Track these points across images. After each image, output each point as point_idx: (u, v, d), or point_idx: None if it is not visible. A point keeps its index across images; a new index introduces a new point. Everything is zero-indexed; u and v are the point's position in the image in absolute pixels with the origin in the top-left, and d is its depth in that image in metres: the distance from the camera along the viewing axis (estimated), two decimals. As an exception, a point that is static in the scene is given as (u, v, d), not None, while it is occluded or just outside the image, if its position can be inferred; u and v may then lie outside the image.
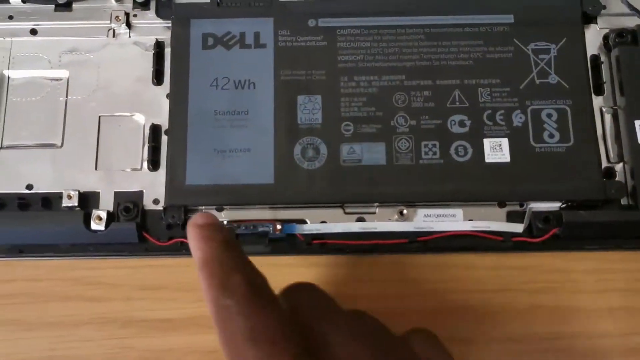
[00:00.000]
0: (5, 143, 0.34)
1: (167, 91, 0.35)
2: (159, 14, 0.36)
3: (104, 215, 0.33)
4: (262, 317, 0.22)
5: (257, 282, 0.23)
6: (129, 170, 0.34)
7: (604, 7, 0.36)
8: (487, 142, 0.33)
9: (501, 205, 0.33)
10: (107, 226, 0.33)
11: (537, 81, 0.34)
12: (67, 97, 0.35)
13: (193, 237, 0.24)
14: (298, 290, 0.26)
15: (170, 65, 0.35)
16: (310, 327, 0.23)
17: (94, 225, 0.33)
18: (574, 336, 0.33)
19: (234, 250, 0.24)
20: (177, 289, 0.34)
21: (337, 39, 0.35)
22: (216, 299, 0.22)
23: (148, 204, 0.34)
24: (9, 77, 0.36)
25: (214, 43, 0.35)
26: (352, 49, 0.35)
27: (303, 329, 0.23)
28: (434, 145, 0.33)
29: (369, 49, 0.35)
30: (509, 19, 0.35)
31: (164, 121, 0.35)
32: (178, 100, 0.34)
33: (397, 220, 0.33)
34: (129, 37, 0.36)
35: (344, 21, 0.35)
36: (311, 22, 0.35)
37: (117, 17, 0.36)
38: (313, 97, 0.34)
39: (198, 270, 0.23)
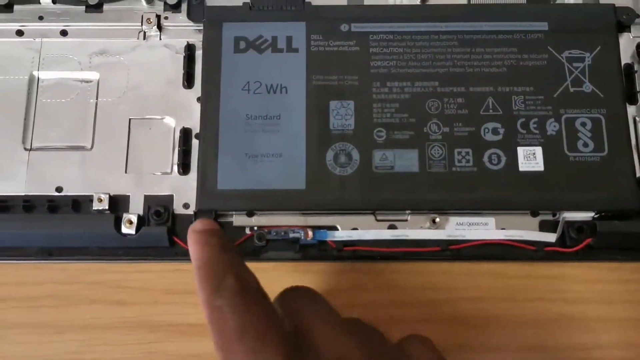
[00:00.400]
0: (34, 144, 0.34)
1: (198, 94, 0.35)
2: (190, 16, 0.36)
3: (134, 219, 0.33)
4: (251, 314, 0.23)
5: (249, 283, 0.24)
6: (159, 173, 0.34)
7: (638, 16, 0.36)
8: (521, 151, 0.33)
9: (534, 214, 0.33)
10: (137, 230, 0.33)
11: (572, 89, 0.34)
12: (97, 99, 0.35)
13: (191, 242, 0.26)
14: (294, 292, 0.26)
15: (202, 68, 0.34)
16: (302, 327, 0.24)
17: (125, 229, 0.33)
18: (605, 347, 0.33)
19: (228, 253, 0.25)
20: (206, 293, 0.34)
21: (369, 44, 0.35)
22: (209, 301, 0.23)
23: (178, 208, 0.33)
24: (39, 78, 0.35)
25: (246, 47, 0.35)
26: (384, 55, 0.34)
27: (295, 329, 0.24)
28: (467, 153, 0.33)
29: (402, 55, 0.35)
30: (544, 26, 0.35)
31: (194, 124, 0.34)
32: (209, 103, 0.34)
33: (429, 228, 0.33)
34: (160, 39, 0.36)
35: (376, 26, 0.35)
36: (344, 27, 0.35)
37: (148, 19, 0.36)
38: (345, 102, 0.34)
39: (194, 274, 0.24)
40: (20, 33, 0.36)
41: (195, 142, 0.34)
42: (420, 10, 0.36)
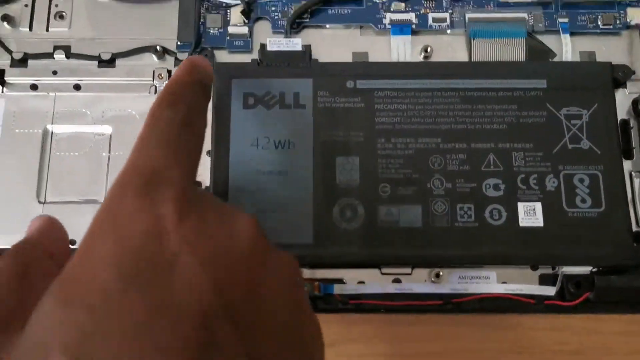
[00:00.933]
0: (49, 198, 0.35)
1: (207, 148, 0.36)
2: None
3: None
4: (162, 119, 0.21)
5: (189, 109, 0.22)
6: (169, 226, 0.35)
7: (634, 73, 0.37)
8: (521, 206, 0.34)
9: (534, 268, 0.34)
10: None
11: (570, 146, 0.35)
12: (109, 152, 0.36)
13: (180, 65, 0.24)
14: None
15: (212, 123, 0.35)
16: None
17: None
18: (603, 397, 0.34)
19: (195, 86, 0.23)
20: None
21: (374, 101, 0.36)
22: (153, 109, 0.21)
23: (188, 260, 0.34)
24: (52, 132, 0.36)
25: (254, 102, 0.36)
26: (389, 111, 0.36)
27: None
28: (469, 208, 0.34)
29: (406, 111, 0.36)
30: (542, 84, 0.36)
31: (204, 178, 0.35)
32: (219, 159, 0.35)
33: (432, 282, 0.34)
34: None
35: (381, 83, 0.36)
36: (349, 84, 0.36)
37: (159, 74, 0.37)
38: (351, 158, 0.35)
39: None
40: (34, 87, 0.37)
41: (204, 195, 0.35)
42: (423, 67, 0.37)
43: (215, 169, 0.35)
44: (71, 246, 0.34)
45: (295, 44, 0.37)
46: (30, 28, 0.38)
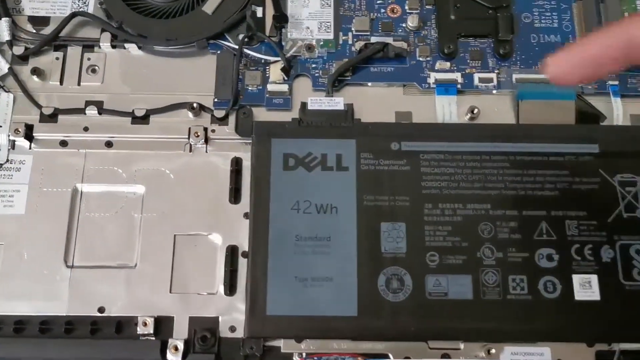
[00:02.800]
0: (76, 262, 0.33)
1: (245, 210, 0.34)
2: (238, 130, 0.36)
3: (180, 345, 0.32)
4: None
5: None
6: (204, 293, 0.33)
7: (687, 137, 0.36)
8: (576, 279, 0.32)
9: (590, 344, 0.33)
10: (184, 357, 0.32)
11: (625, 215, 0.33)
12: (141, 213, 0.34)
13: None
14: None
15: (251, 186, 0.34)
16: None
17: (170, 356, 0.31)
18: None
19: None
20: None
21: (420, 164, 0.34)
22: None
23: (224, 331, 0.33)
24: (82, 191, 0.35)
25: (295, 164, 0.34)
26: (436, 175, 0.34)
27: None
28: (522, 280, 0.32)
29: (453, 175, 0.34)
30: (594, 148, 0.35)
31: (241, 242, 0.34)
32: (259, 223, 0.33)
33: (483, 358, 0.32)
34: (206, 152, 0.36)
35: (427, 145, 0.35)
36: (394, 145, 0.35)
37: (195, 132, 0.35)
38: (397, 224, 0.33)
39: None
40: (64, 144, 0.36)
41: (241, 261, 0.34)
42: (470, 129, 0.36)
43: (254, 234, 0.33)
44: (99, 314, 0.32)
45: (337, 102, 0.36)
46: (61, 82, 0.37)
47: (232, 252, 0.34)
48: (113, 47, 0.38)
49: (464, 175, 0.34)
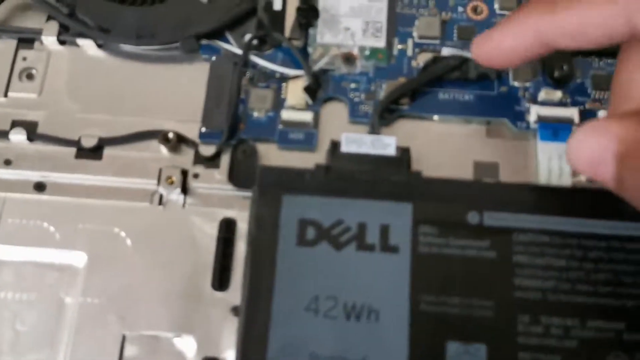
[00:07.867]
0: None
1: (234, 302, 0.25)
2: (232, 179, 0.26)
3: None
4: None
5: None
6: None
7: None
8: None
9: None
10: None
11: None
12: (78, 297, 0.24)
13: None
14: None
15: (245, 265, 0.24)
16: None
17: None
18: None
19: None
20: None
21: (512, 249, 0.23)
22: None
23: None
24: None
25: (316, 237, 0.23)
26: (537, 269, 0.23)
27: None
28: None
29: (566, 271, 0.23)
30: None
31: (224, 352, 0.24)
32: (254, 328, 0.22)
33: None
34: (183, 207, 0.26)
35: (524, 220, 0.23)
36: (472, 217, 0.23)
37: (169, 177, 0.25)
38: (473, 346, 0.22)
39: None
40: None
41: (223, 383, 0.23)
42: (591, 197, 0.24)
43: (246, 346, 0.22)
44: None
45: (386, 144, 0.25)
46: (-22, 89, 0.28)
47: (210, 370, 0.23)
48: (61, 42, 0.29)
49: (583, 272, 0.23)
